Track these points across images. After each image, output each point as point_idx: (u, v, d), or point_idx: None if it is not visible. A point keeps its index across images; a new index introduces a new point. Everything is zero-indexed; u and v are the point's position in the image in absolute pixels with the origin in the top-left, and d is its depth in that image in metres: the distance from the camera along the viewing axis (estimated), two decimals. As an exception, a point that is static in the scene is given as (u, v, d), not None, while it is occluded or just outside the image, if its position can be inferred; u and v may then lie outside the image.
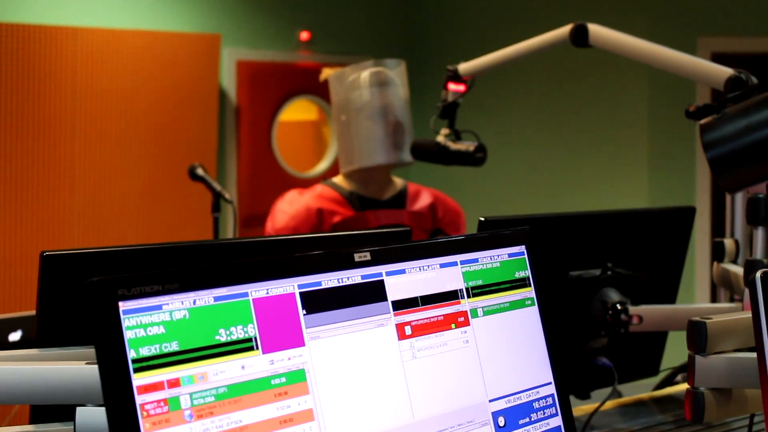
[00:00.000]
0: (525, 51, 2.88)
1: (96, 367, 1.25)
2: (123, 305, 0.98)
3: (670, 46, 2.52)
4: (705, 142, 1.48)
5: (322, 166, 6.81)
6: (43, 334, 1.48)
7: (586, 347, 2.11)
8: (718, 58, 5.83)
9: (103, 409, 1.24)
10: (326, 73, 3.39)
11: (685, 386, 2.29)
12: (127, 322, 0.98)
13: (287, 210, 3.15)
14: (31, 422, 1.50)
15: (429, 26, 7.37)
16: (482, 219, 2.00)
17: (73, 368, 1.28)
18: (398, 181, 3.35)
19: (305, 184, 6.31)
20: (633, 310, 2.04)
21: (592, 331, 2.08)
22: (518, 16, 6.65)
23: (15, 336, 2.30)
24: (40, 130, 5.26)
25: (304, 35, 6.59)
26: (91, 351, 1.37)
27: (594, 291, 2.07)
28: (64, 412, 1.36)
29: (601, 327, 2.06)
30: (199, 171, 4.04)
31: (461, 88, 3.00)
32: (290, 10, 6.64)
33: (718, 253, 2.37)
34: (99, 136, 5.50)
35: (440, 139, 3.01)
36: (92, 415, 1.26)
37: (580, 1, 6.47)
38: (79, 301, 1.52)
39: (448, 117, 3.02)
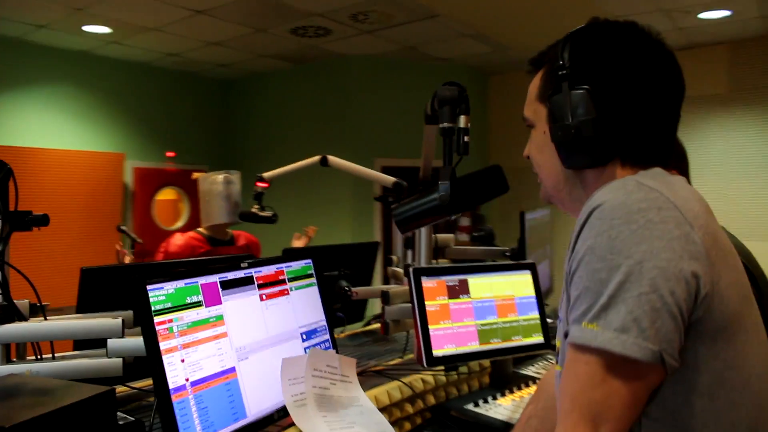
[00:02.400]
0: (296, 169, 3.06)
1: (115, 320, 1.41)
2: (149, 287, 1.16)
3: (357, 164, 2.67)
4: (394, 214, 1.52)
5: (179, 224, 6.71)
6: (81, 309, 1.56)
7: (334, 307, 2.10)
8: (386, 169, 6.11)
9: (122, 340, 1.40)
10: (196, 175, 3.37)
11: (376, 325, 2.53)
12: (150, 293, 1.15)
13: (177, 242, 3.18)
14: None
15: (238, 147, 7.30)
16: (285, 249, 2.08)
17: (106, 320, 1.36)
18: (229, 231, 3.40)
19: (170, 233, 6.28)
20: (354, 289, 2.06)
21: (336, 299, 2.08)
22: (294, 144, 6.71)
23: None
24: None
25: (170, 153, 6.57)
26: (102, 316, 1.52)
27: (336, 280, 2.08)
28: (95, 346, 1.47)
29: (340, 297, 2.08)
30: (124, 227, 4.16)
31: (265, 185, 3.18)
32: (162, 140, 6.59)
33: (388, 262, 2.49)
34: (60, 211, 5.51)
35: (254, 210, 3.20)
36: (116, 342, 1.35)
37: (323, 137, 6.48)
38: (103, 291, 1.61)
39: (258, 200, 3.19)
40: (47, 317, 1.40)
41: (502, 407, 1.70)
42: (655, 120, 0.96)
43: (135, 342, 1.38)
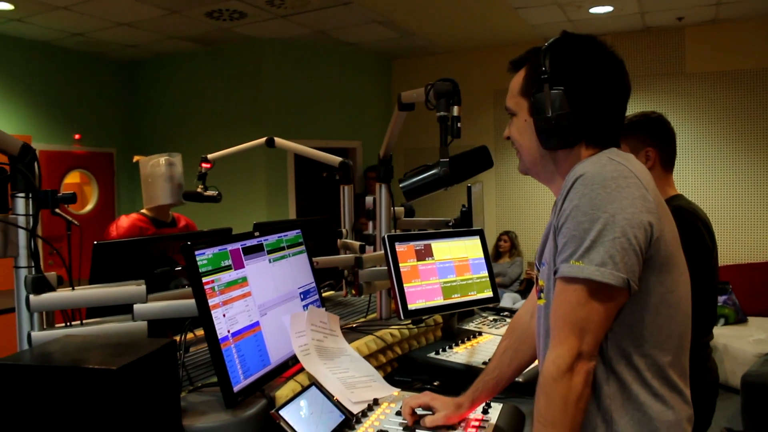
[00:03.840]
0: (240, 150, 3.17)
1: (140, 287, 1.53)
2: (197, 252, 1.32)
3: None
4: (402, 186, 1.70)
5: (88, 207, 6.54)
6: (93, 280, 1.67)
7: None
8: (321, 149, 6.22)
9: (147, 304, 1.53)
10: (137, 158, 3.29)
11: (329, 292, 2.73)
12: (198, 257, 1.31)
13: (123, 225, 3.14)
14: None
15: (147, 129, 7.17)
16: (255, 223, 2.22)
17: (132, 287, 1.47)
18: (170, 213, 3.37)
19: (79, 218, 6.09)
20: (315, 259, 2.10)
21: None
22: (205, 126, 6.66)
23: None
24: None
25: (77, 136, 6.33)
26: (126, 284, 1.61)
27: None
28: (112, 312, 1.57)
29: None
30: (57, 210, 3.95)
31: (209, 165, 3.27)
32: (68, 122, 6.36)
33: (339, 235, 2.56)
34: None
35: (199, 190, 3.26)
36: (141, 307, 1.47)
37: (235, 119, 6.50)
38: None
39: (202, 180, 3.23)
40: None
41: (458, 354, 1.97)
42: (610, 112, 1.27)
43: (158, 306, 1.52)
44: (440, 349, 1.99)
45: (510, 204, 7.01)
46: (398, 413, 1.47)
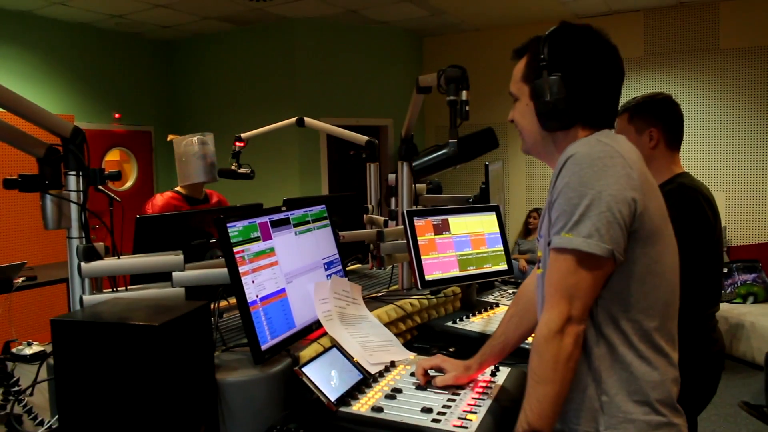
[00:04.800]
0: (272, 129, 3.32)
1: (178, 257, 1.68)
2: (228, 224, 1.45)
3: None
4: (414, 165, 1.81)
5: (128, 184, 6.80)
6: (137, 251, 1.81)
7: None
8: (346, 127, 6.32)
9: (184, 272, 1.68)
10: (171, 137, 3.40)
11: (355, 266, 2.86)
12: (230, 229, 1.44)
13: (158, 203, 3.26)
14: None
15: (183, 108, 7.36)
16: (285, 198, 2.34)
17: (170, 256, 1.61)
18: (203, 190, 3.46)
19: (119, 194, 6.33)
20: (341, 233, 2.18)
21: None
22: (239, 105, 6.82)
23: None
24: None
25: (117, 115, 6.56)
26: (166, 254, 1.75)
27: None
28: (153, 279, 1.71)
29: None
30: (100, 186, 4.12)
31: (242, 144, 3.42)
32: (108, 101, 6.58)
33: (365, 210, 2.67)
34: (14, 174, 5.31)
35: (233, 167, 3.42)
36: (179, 274, 1.60)
37: (268, 98, 6.66)
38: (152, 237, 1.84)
39: (236, 158, 3.39)
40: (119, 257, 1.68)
41: (475, 323, 2.09)
42: (604, 96, 1.36)
43: (194, 274, 1.67)
44: (457, 319, 2.11)
45: (540, 182, 7.04)
46: (413, 374, 1.60)
